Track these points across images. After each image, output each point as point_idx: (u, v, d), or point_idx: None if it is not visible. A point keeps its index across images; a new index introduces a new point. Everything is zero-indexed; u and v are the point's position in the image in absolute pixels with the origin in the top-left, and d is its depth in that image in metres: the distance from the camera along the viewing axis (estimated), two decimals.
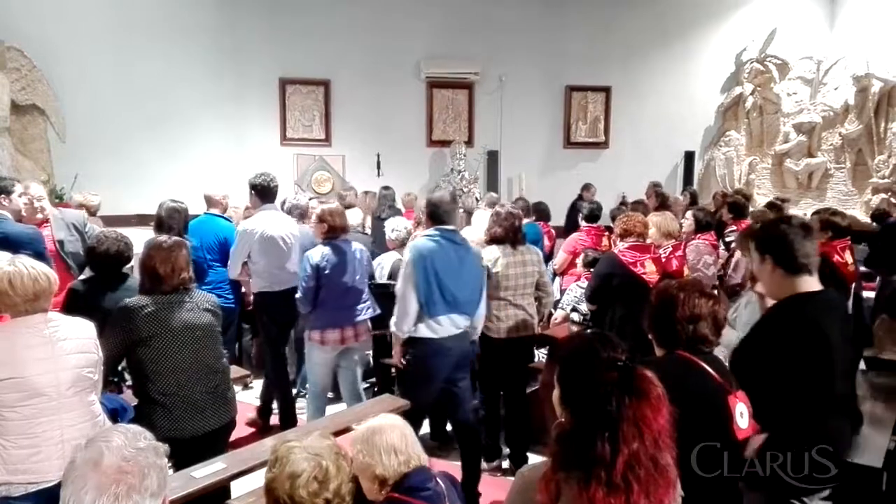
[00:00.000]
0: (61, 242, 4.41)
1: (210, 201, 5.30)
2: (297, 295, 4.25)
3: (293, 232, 4.78)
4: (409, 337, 3.74)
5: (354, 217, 6.53)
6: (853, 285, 4.35)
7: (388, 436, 2.06)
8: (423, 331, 3.72)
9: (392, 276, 4.65)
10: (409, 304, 3.63)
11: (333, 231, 4.22)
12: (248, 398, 5.31)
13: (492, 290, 4.14)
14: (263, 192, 4.75)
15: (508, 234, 4.22)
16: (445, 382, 3.87)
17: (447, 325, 3.74)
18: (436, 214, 3.73)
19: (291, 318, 4.80)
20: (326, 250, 4.18)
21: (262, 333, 5.02)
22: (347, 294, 4.20)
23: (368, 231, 7.02)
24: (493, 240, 4.25)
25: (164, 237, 3.18)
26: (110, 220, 5.52)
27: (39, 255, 3.48)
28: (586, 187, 9.18)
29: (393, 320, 3.74)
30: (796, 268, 2.30)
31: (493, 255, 4.18)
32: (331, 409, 4.74)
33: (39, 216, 4.40)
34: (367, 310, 4.35)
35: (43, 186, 4.67)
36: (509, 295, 4.21)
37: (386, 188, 7.65)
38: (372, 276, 4.64)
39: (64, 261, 4.37)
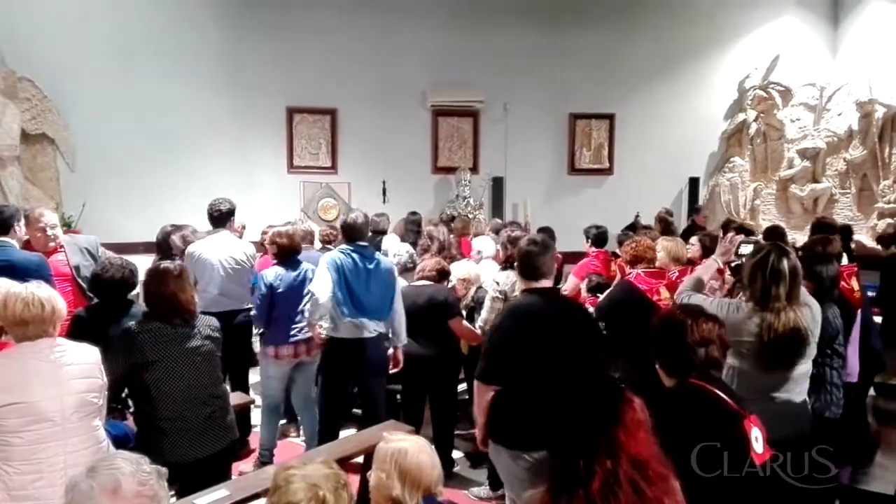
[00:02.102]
0: (77, 268, 4.41)
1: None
2: (253, 312, 4.59)
3: (236, 256, 4.97)
4: (327, 336, 4.29)
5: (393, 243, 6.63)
6: (860, 311, 4.29)
7: (414, 460, 2.05)
8: (332, 330, 4.29)
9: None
10: (322, 297, 4.14)
11: (284, 251, 4.57)
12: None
13: None
14: (210, 218, 5.11)
15: None
16: (359, 383, 4.39)
17: (356, 328, 4.27)
18: (351, 233, 4.37)
19: (231, 340, 4.80)
20: (280, 270, 4.54)
21: None
22: (298, 311, 4.52)
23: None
24: (509, 262, 4.24)
25: (167, 262, 3.19)
26: (117, 248, 5.52)
27: (45, 281, 3.49)
28: (697, 211, 9.08)
29: (307, 307, 4.29)
30: (529, 274, 3.11)
31: (510, 280, 4.16)
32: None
33: (52, 244, 4.42)
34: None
35: (54, 213, 4.67)
36: None
37: (413, 213, 7.83)
38: None
39: (80, 287, 4.37)
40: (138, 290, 3.96)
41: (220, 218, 5.08)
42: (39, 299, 2.50)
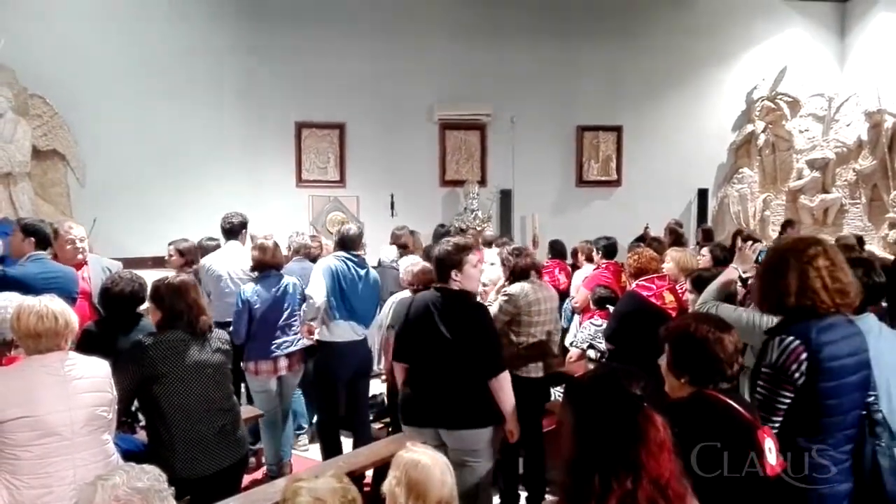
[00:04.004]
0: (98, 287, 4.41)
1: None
2: (231, 327, 4.53)
3: (244, 267, 5.06)
4: (317, 340, 4.62)
5: (388, 253, 6.62)
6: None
7: (424, 473, 2.05)
8: (326, 334, 4.56)
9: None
10: (317, 300, 4.42)
11: (263, 266, 4.61)
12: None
13: (520, 325, 4.15)
14: (223, 231, 5.35)
15: (531, 266, 4.31)
16: (348, 384, 4.62)
17: (347, 331, 4.57)
18: (344, 243, 4.68)
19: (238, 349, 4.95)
20: (257, 286, 4.58)
21: None
22: (278, 326, 4.60)
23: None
24: (520, 275, 4.23)
25: (172, 274, 3.22)
26: (127, 263, 5.54)
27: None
28: (790, 223, 8.93)
29: (303, 308, 4.57)
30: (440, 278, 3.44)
31: (523, 291, 4.15)
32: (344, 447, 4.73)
33: (80, 257, 4.43)
34: (298, 341, 4.72)
35: (81, 226, 4.63)
36: (536, 331, 4.18)
37: (441, 226, 7.88)
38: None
39: (94, 305, 4.37)
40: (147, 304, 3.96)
41: (232, 230, 5.28)
42: (53, 312, 2.51)
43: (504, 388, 3.30)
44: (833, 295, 2.29)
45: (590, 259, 6.74)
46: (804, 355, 2.22)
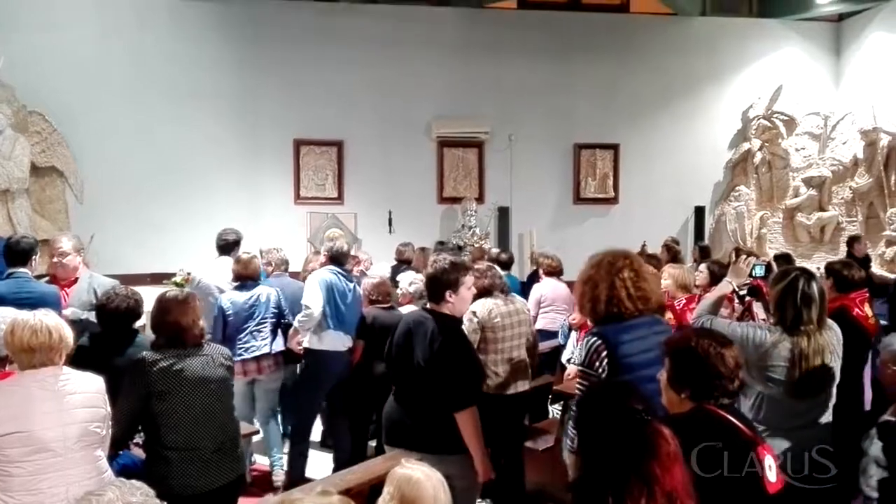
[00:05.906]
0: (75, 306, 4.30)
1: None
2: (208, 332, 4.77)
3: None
4: (305, 348, 4.85)
5: (382, 270, 6.61)
6: (874, 339, 4.23)
7: (416, 489, 2.04)
8: (315, 342, 4.81)
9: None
10: (315, 310, 4.65)
11: (242, 277, 4.98)
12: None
13: (487, 343, 4.08)
14: (217, 247, 5.56)
15: (496, 284, 4.26)
16: (331, 392, 4.87)
17: (336, 340, 4.81)
18: (335, 258, 5.00)
19: None
20: (233, 295, 4.95)
21: None
22: (248, 331, 4.89)
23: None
24: (482, 292, 4.17)
25: (174, 291, 3.20)
26: (125, 279, 5.52)
27: None
28: (857, 239, 8.89)
29: (299, 318, 4.76)
30: (432, 297, 3.32)
31: (486, 308, 4.10)
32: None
33: (65, 272, 4.31)
34: (265, 346, 4.95)
35: (71, 241, 4.46)
36: (506, 347, 4.12)
37: (441, 243, 8.01)
38: (281, 315, 5.10)
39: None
40: (144, 321, 3.94)
41: (226, 247, 5.45)
42: (47, 327, 2.49)
43: (466, 425, 3.04)
44: (636, 301, 2.64)
45: (550, 273, 6.74)
46: (605, 352, 2.54)
